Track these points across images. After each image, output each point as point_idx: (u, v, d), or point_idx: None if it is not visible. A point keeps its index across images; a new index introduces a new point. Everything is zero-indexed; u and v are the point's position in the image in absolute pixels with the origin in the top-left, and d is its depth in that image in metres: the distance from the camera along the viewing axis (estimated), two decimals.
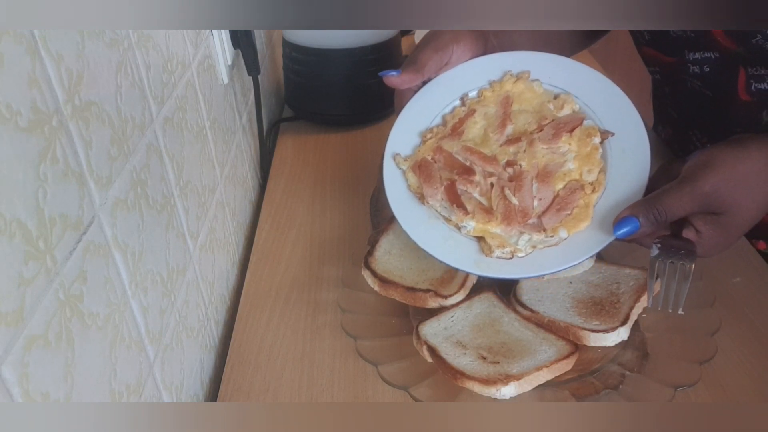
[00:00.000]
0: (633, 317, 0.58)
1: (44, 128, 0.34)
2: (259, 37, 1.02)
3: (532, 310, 0.60)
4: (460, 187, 0.60)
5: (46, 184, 0.34)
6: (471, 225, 0.58)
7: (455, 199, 0.59)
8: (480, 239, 0.58)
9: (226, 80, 0.77)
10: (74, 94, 0.38)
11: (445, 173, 0.61)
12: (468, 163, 0.61)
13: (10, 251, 0.31)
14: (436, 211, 0.60)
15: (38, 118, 0.34)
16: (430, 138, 0.63)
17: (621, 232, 0.53)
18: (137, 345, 0.46)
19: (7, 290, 0.30)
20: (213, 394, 0.63)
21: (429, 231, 0.59)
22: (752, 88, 0.68)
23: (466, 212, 0.58)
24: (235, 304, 0.72)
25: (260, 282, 0.72)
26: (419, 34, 1.32)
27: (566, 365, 0.55)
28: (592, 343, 0.57)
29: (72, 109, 0.38)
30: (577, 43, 0.82)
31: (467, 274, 0.63)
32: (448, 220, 0.59)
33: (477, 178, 0.60)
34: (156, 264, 0.50)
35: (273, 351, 0.63)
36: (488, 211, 0.58)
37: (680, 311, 0.55)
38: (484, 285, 0.64)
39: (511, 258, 0.57)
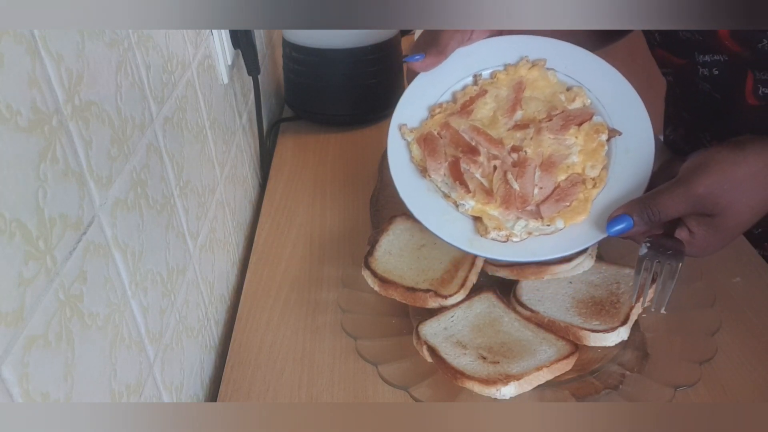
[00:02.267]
0: (633, 317, 0.58)
1: (44, 128, 0.34)
2: (259, 37, 1.02)
3: (532, 310, 0.60)
4: (463, 165, 0.60)
5: (46, 184, 0.34)
6: (470, 204, 0.58)
7: (458, 176, 0.59)
8: (476, 219, 0.59)
9: (226, 80, 0.77)
10: (74, 94, 0.38)
11: (450, 150, 0.61)
12: (474, 143, 0.61)
13: (10, 251, 0.31)
14: (437, 185, 0.60)
15: (38, 118, 0.34)
16: (439, 113, 0.63)
17: (615, 229, 0.54)
18: (137, 345, 0.46)
19: (7, 290, 0.30)
20: (213, 394, 0.63)
21: (427, 204, 0.59)
22: (760, 92, 0.67)
23: (468, 190, 0.58)
24: (235, 304, 0.72)
25: (260, 282, 0.72)
26: (419, 34, 1.32)
27: (566, 365, 0.55)
28: (592, 343, 0.57)
29: (72, 109, 0.38)
30: (595, 41, 0.80)
31: (467, 275, 0.63)
32: (447, 196, 0.60)
33: (481, 158, 0.60)
34: (156, 264, 0.50)
35: (273, 351, 0.63)
36: (488, 192, 0.59)
37: (663, 310, 0.57)
38: (484, 285, 0.64)
39: (505, 241, 0.57)
